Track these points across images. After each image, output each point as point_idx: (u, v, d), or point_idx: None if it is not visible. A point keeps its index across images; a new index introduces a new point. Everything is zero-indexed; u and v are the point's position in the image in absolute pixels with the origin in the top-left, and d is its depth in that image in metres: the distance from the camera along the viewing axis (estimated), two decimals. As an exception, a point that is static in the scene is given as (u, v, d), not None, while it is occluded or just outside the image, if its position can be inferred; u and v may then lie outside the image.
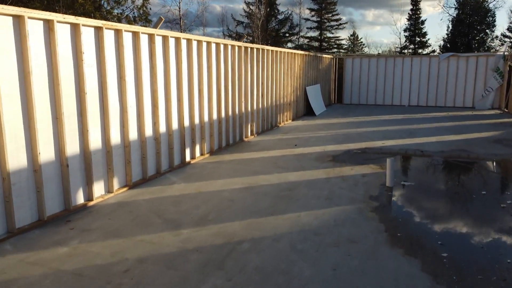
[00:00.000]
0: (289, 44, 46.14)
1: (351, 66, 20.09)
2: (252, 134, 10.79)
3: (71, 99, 5.14)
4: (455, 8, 39.81)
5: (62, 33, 4.96)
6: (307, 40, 47.24)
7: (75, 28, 5.13)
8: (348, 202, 5.52)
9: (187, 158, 7.78)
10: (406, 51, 43.58)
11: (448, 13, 54.34)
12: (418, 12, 43.50)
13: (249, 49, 10.27)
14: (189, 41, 7.63)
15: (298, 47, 44.53)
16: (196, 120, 8.04)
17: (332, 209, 5.22)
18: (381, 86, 19.59)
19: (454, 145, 9.49)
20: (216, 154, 8.60)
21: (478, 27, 38.52)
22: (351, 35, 53.00)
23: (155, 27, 6.78)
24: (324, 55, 18.47)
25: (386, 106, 19.01)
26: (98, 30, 5.49)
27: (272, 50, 11.90)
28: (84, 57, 5.23)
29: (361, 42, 53.51)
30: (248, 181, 6.52)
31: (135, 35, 6.22)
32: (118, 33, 5.86)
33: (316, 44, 46.89)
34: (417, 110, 17.13)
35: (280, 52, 12.61)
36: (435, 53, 38.67)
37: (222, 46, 8.91)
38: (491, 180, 6.92)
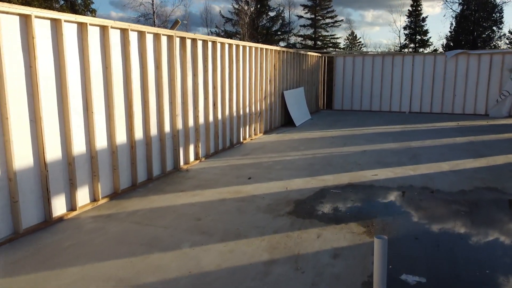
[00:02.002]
0: (281, 43, 43.23)
1: (342, 66, 17.17)
2: (197, 158, 7.86)
3: None
4: (459, 4, 36.93)
5: None
6: (300, 38, 44.33)
7: None
8: None
9: (59, 211, 4.86)
10: (406, 50, 40.66)
11: (451, 8, 51.24)
12: (419, 9, 40.61)
13: (188, 41, 7.34)
14: (56, 23, 4.71)
15: (291, 46, 41.60)
16: (79, 148, 5.12)
17: None
18: (378, 90, 16.68)
19: (476, 179, 6.58)
20: (120, 198, 5.67)
21: (484, 24, 35.59)
22: (349, 35, 50.22)
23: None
24: (310, 53, 15.55)
25: (383, 113, 16.09)
26: None
27: (230, 44, 8.97)
28: None
29: (360, 42, 50.71)
30: (122, 272, 3.59)
31: None
32: None
33: (310, 42, 43.97)
34: (419, 119, 14.22)
35: (243, 47, 9.68)
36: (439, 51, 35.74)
37: (134, 35, 5.99)
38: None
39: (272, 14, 42.49)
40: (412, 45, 40.92)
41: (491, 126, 12.40)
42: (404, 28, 41.55)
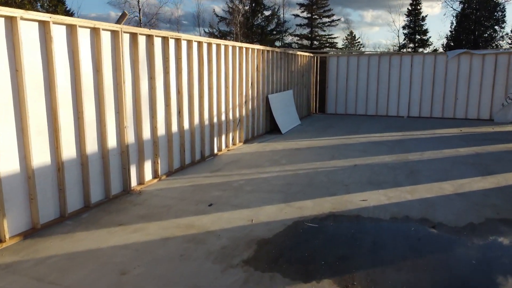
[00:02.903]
0: (277, 43, 42.01)
1: (336, 66, 15.97)
2: (156, 176, 6.66)
3: None
4: (460, 2, 35.74)
5: None
6: (296, 38, 43.12)
7: None
8: None
9: None
10: (405, 50, 39.49)
11: (452, 7, 50.14)
12: (418, 7, 39.48)
13: (141, 38, 6.13)
14: None
15: (287, 45, 40.40)
16: (-27, 177, 3.92)
17: None
18: (373, 92, 15.48)
19: (487, 206, 5.38)
20: (39, 235, 4.46)
21: (486, 23, 34.41)
22: (348, 35, 49.15)
23: None
24: (300, 53, 14.34)
25: (380, 118, 14.89)
26: None
27: (199, 42, 7.77)
28: None
29: (359, 42, 49.60)
30: None
31: None
32: None
33: (307, 42, 42.77)
34: (419, 124, 13.01)
35: (217, 45, 8.48)
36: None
37: (60, 29, 4.78)
38: None
39: (267, 13, 41.29)
40: (411, 45, 39.79)
41: (497, 134, 11.20)
42: (403, 28, 40.45)
